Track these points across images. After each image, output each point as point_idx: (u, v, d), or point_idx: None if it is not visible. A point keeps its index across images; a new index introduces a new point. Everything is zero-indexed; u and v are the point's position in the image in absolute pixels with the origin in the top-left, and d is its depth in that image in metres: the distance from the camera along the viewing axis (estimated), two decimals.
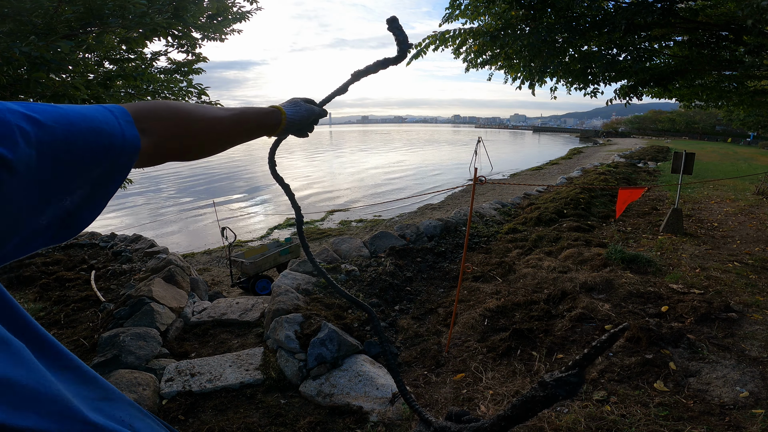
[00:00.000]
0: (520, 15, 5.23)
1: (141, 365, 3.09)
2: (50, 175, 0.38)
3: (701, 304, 3.45)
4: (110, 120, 0.44)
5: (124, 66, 3.78)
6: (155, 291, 3.96)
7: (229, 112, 0.66)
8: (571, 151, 32.73)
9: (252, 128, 0.71)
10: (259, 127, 0.72)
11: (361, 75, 0.83)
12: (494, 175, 20.16)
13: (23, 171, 0.35)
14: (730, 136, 48.72)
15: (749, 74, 6.60)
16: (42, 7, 2.56)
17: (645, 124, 67.31)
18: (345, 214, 12.80)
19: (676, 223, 6.12)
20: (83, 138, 0.41)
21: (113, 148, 0.44)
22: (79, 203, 0.43)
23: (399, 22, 0.80)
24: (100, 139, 0.42)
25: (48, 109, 0.39)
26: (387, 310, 4.04)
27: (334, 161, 34.18)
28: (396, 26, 0.80)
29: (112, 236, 7.16)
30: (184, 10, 3.42)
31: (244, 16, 4.54)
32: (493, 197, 11.74)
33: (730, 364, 2.79)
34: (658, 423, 2.27)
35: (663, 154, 21.59)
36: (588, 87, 6.20)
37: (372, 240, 5.48)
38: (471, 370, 3.00)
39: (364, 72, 0.82)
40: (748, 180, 11.18)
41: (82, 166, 0.41)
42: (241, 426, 2.51)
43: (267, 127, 0.74)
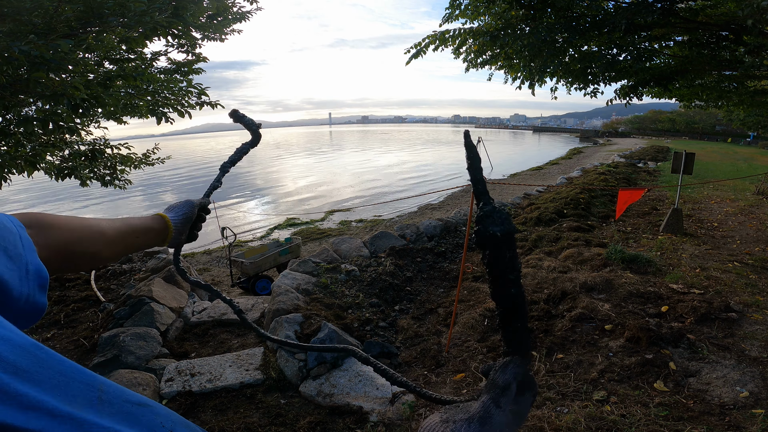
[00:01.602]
0: (520, 15, 5.23)
1: (141, 365, 3.09)
2: None
3: (701, 304, 3.45)
4: (8, 222, 0.46)
5: (124, 66, 3.78)
6: (155, 291, 3.95)
7: (112, 223, 0.67)
8: (571, 151, 32.73)
9: (139, 236, 0.72)
10: (145, 232, 0.74)
11: (228, 166, 0.93)
12: (494, 175, 20.16)
13: None
14: (730, 136, 48.72)
15: (749, 74, 6.60)
16: (42, 7, 2.56)
17: (645, 124, 67.32)
18: (345, 214, 12.80)
19: (676, 223, 6.12)
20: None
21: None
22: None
23: (239, 111, 0.93)
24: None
25: None
26: (387, 310, 4.04)
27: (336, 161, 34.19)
28: (239, 116, 0.93)
29: None
30: (184, 10, 3.41)
31: (244, 16, 4.53)
32: (493, 197, 11.72)
33: (730, 364, 2.79)
34: (658, 423, 2.27)
35: (663, 154, 21.59)
36: (588, 87, 6.19)
37: (372, 240, 5.48)
38: (471, 370, 3.00)
39: (230, 163, 0.93)
40: (748, 180, 11.18)
41: None
42: (241, 426, 2.51)
43: (154, 232, 0.76)
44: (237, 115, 0.92)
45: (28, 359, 0.33)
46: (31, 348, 0.34)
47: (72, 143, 4.84)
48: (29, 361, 0.33)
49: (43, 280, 0.48)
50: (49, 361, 0.35)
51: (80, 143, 5.05)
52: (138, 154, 5.78)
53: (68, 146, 4.70)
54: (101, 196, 17.93)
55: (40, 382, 0.33)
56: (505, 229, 0.40)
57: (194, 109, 4.15)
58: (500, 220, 0.40)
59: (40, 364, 0.34)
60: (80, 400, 0.35)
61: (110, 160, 5.25)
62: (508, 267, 0.40)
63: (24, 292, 0.45)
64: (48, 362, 0.35)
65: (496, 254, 0.40)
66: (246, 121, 0.92)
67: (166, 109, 4.10)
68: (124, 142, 5.56)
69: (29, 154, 3.66)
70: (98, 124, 5.43)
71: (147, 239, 0.75)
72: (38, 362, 0.34)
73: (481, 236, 0.40)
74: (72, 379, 0.36)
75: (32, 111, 3.70)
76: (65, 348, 3.55)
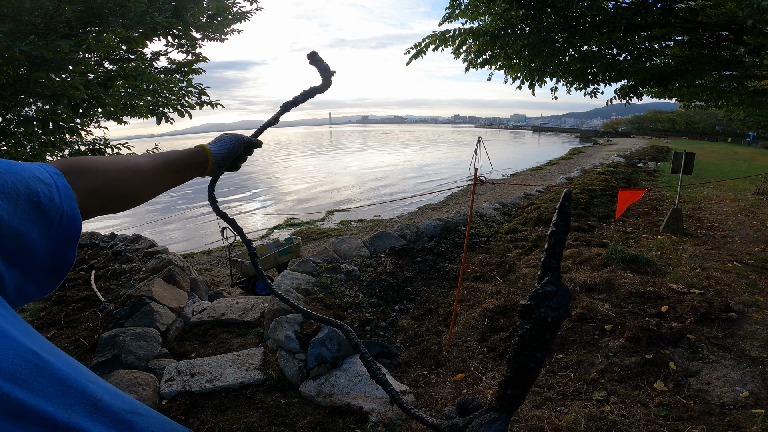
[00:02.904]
0: (520, 15, 5.23)
1: (141, 365, 3.09)
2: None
3: (701, 304, 3.45)
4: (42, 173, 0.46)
5: (124, 66, 3.78)
6: (155, 291, 3.95)
7: (151, 159, 0.66)
8: (571, 151, 32.73)
9: (179, 171, 0.71)
10: (186, 168, 0.73)
11: (290, 105, 0.89)
12: (494, 175, 20.16)
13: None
14: (730, 136, 48.72)
15: (749, 74, 6.60)
16: (42, 7, 2.56)
17: (645, 124, 67.33)
18: (345, 214, 12.80)
19: (676, 223, 6.12)
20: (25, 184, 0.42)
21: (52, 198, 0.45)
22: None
23: (319, 55, 0.88)
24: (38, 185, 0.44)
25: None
26: (387, 310, 4.04)
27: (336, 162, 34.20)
28: (317, 59, 0.88)
29: (112, 236, 7.16)
30: (184, 10, 3.41)
31: (244, 16, 4.53)
32: (493, 197, 11.74)
33: (730, 364, 2.79)
34: (658, 423, 2.27)
35: (663, 154, 21.59)
36: (588, 87, 6.19)
37: (372, 240, 5.48)
38: (471, 370, 3.00)
39: (293, 102, 0.88)
40: (748, 180, 11.18)
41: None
42: (241, 426, 2.50)
43: (194, 166, 0.75)
44: (315, 57, 0.88)
45: (27, 368, 0.34)
46: (30, 357, 0.34)
47: (72, 143, 4.84)
48: (28, 370, 0.34)
49: (74, 232, 0.47)
50: (47, 369, 0.35)
51: (80, 143, 5.05)
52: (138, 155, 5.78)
53: (68, 146, 4.70)
54: None
55: (38, 391, 0.33)
56: (559, 316, 0.37)
57: (194, 109, 4.15)
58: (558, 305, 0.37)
59: (38, 373, 0.34)
60: (76, 408, 0.36)
61: None
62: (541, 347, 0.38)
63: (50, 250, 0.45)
64: (46, 371, 0.35)
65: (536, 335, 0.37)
66: (321, 66, 0.87)
67: (166, 109, 4.10)
68: (124, 142, 5.56)
69: (29, 154, 3.66)
70: (98, 124, 5.43)
71: (187, 174, 0.74)
72: (36, 371, 0.34)
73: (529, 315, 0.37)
74: (69, 387, 0.36)
75: (32, 111, 3.70)
76: (65, 348, 3.55)
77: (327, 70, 0.87)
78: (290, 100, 0.88)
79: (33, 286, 0.44)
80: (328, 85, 0.87)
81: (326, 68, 0.87)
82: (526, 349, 0.38)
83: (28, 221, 0.41)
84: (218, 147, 0.79)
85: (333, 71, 0.88)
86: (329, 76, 0.87)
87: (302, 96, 0.87)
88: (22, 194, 0.41)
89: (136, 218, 13.61)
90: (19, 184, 0.41)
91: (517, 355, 0.39)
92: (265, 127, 0.89)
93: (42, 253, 0.43)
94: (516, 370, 0.39)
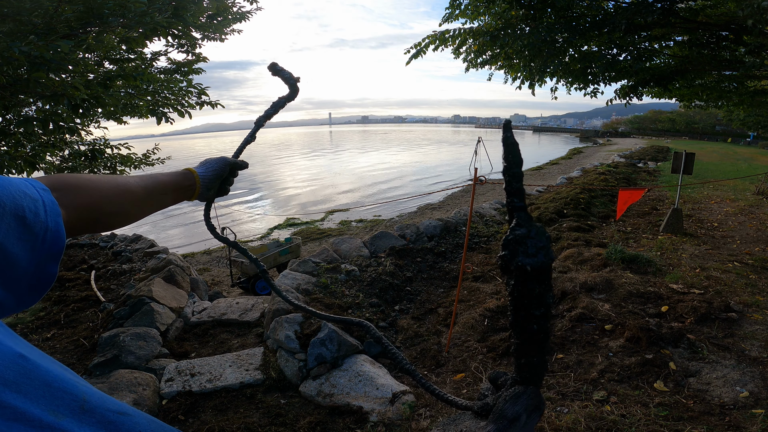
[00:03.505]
0: (520, 15, 5.23)
1: (141, 365, 3.09)
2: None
3: (701, 304, 3.45)
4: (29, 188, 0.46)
5: (124, 66, 3.78)
6: (155, 291, 3.95)
7: (140, 180, 0.66)
8: (571, 151, 32.72)
9: (167, 192, 0.72)
10: (174, 190, 0.73)
11: (263, 120, 0.91)
12: (494, 175, 20.16)
13: None
14: (730, 136, 48.72)
15: (749, 74, 6.59)
16: (42, 7, 2.56)
17: (645, 124, 67.32)
18: (345, 214, 12.80)
19: (676, 223, 6.12)
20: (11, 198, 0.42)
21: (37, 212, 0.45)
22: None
23: (279, 65, 0.90)
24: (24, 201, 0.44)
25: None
26: (387, 310, 4.04)
27: (336, 162, 34.18)
28: (278, 69, 0.89)
29: (112, 236, 7.16)
30: (184, 10, 3.41)
31: (244, 16, 4.54)
32: (493, 197, 11.73)
33: (730, 364, 2.79)
34: (658, 423, 2.27)
35: (663, 154, 21.58)
36: (588, 87, 6.19)
37: (372, 240, 5.48)
38: (471, 370, 3.00)
39: (265, 117, 0.90)
40: (748, 180, 11.18)
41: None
42: (241, 426, 2.50)
43: (183, 189, 0.75)
44: (275, 68, 0.89)
45: (15, 371, 0.34)
46: (17, 359, 0.35)
47: (72, 143, 4.84)
48: (15, 372, 0.34)
49: (57, 249, 0.47)
50: (34, 371, 0.36)
51: (80, 143, 5.05)
52: (138, 154, 5.79)
53: (68, 146, 4.70)
54: None
55: (25, 393, 0.34)
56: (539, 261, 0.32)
57: (194, 109, 4.16)
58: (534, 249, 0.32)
59: (26, 375, 0.35)
60: (63, 409, 0.36)
61: (110, 160, 5.26)
62: (534, 303, 0.34)
63: (33, 264, 0.44)
64: (34, 373, 0.35)
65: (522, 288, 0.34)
66: (284, 75, 0.89)
67: (166, 109, 4.10)
68: (124, 142, 5.56)
69: (29, 154, 3.66)
70: (98, 124, 5.43)
71: (175, 196, 0.74)
72: (24, 373, 0.35)
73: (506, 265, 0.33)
74: (56, 389, 0.37)
75: (32, 111, 3.70)
76: (65, 348, 3.55)
77: (290, 77, 0.89)
78: (262, 115, 0.91)
79: (12, 299, 0.44)
80: (295, 92, 0.89)
81: (289, 76, 0.89)
82: (522, 308, 0.35)
83: (12, 236, 0.41)
84: (204, 170, 0.80)
85: (297, 77, 0.89)
86: (294, 83, 0.89)
87: (272, 108, 0.89)
88: (7, 209, 0.40)
89: None
90: (5, 198, 0.40)
91: (515, 319, 0.36)
92: (244, 145, 0.90)
93: (24, 267, 0.43)
94: (520, 334, 0.36)
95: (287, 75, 0.89)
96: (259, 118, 0.90)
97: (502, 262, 0.33)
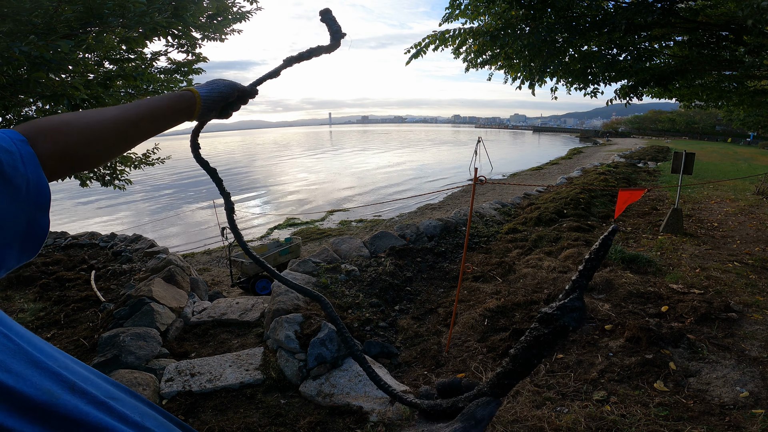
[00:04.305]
0: (520, 15, 5.23)
1: (141, 365, 3.09)
2: None
3: (701, 304, 3.45)
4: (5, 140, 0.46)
5: (123, 66, 3.78)
6: (155, 291, 3.95)
7: (131, 107, 0.62)
8: (571, 151, 32.73)
9: (163, 115, 0.67)
10: (172, 113, 0.68)
11: (294, 61, 0.83)
12: (494, 175, 20.15)
13: None
14: (730, 136, 48.73)
15: (749, 74, 6.60)
16: (42, 7, 2.56)
17: (645, 124, 67.34)
18: (345, 214, 12.80)
19: (676, 223, 6.12)
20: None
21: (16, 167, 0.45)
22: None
23: (332, 13, 0.82)
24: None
25: None
26: (387, 310, 4.04)
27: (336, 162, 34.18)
28: (329, 18, 0.81)
29: (112, 236, 7.16)
30: (184, 10, 3.41)
31: (244, 16, 4.54)
32: (493, 197, 11.73)
33: (730, 364, 2.79)
34: (658, 423, 2.27)
35: (663, 154, 21.59)
36: (588, 87, 6.19)
37: (372, 240, 5.48)
38: (471, 370, 3.00)
39: (297, 58, 0.83)
40: (748, 180, 11.18)
41: None
42: (241, 426, 2.50)
43: (181, 112, 0.70)
44: (329, 16, 0.82)
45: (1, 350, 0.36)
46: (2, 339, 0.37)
47: None
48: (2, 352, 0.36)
49: (44, 199, 0.47)
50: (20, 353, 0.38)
51: None
52: (138, 154, 5.78)
53: None
54: (101, 196, 17.92)
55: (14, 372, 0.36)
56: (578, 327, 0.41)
57: None
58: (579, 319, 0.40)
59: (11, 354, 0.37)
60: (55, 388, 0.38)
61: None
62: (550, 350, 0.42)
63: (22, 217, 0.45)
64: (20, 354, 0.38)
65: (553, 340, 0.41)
66: (334, 27, 0.81)
67: None
68: None
69: None
70: None
71: (169, 120, 0.69)
72: (10, 353, 0.37)
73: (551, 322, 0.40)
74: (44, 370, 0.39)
75: (32, 111, 3.70)
76: (65, 348, 3.55)
77: (338, 31, 0.81)
78: (295, 56, 0.83)
79: (11, 254, 0.45)
80: (336, 46, 0.82)
81: (338, 29, 0.81)
82: (537, 349, 0.41)
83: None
84: (209, 90, 0.75)
85: (344, 33, 0.82)
86: (339, 38, 0.82)
87: (308, 53, 0.82)
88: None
89: (137, 218, 13.61)
90: None
91: (524, 353, 0.42)
92: (265, 78, 0.84)
93: (13, 220, 0.44)
94: (519, 365, 0.42)
95: (336, 27, 0.82)
96: (290, 57, 0.83)
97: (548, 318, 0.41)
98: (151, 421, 0.47)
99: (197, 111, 0.72)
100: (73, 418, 0.38)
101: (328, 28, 0.82)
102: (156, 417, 0.49)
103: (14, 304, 4.54)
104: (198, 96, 0.72)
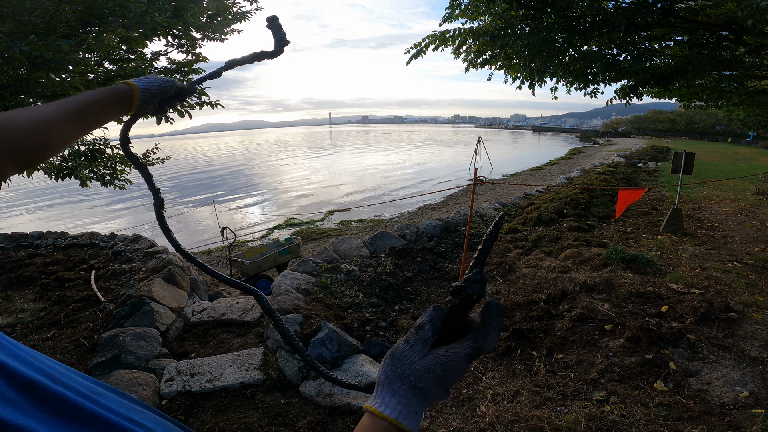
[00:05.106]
0: (520, 15, 5.23)
1: (141, 365, 3.09)
2: None
3: (701, 304, 3.45)
4: None
5: (124, 66, 3.78)
6: (155, 291, 3.95)
7: (58, 108, 0.62)
8: (571, 151, 32.73)
9: (95, 113, 0.66)
10: (106, 107, 0.68)
11: (236, 64, 0.85)
12: (494, 175, 20.15)
13: None
14: (730, 136, 48.73)
15: (749, 74, 6.60)
16: (42, 7, 2.56)
17: (645, 124, 67.37)
18: (345, 214, 12.80)
19: (676, 223, 6.12)
20: None
21: None
22: None
23: (279, 21, 0.83)
24: None
25: None
26: (387, 310, 4.04)
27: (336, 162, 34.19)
28: (276, 25, 0.83)
29: (112, 236, 7.16)
30: (184, 10, 3.41)
31: (244, 16, 4.53)
32: (493, 197, 11.74)
33: (730, 364, 2.79)
34: (658, 423, 2.27)
35: (663, 154, 21.59)
36: (588, 87, 6.19)
37: (372, 240, 5.48)
38: (471, 369, 3.00)
39: (240, 61, 0.85)
40: (748, 180, 11.18)
41: None
42: (241, 426, 2.50)
43: (116, 105, 0.70)
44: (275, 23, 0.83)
45: None
46: None
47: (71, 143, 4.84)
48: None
49: None
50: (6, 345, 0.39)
51: (80, 143, 5.04)
52: (138, 154, 5.78)
53: (68, 146, 4.70)
54: (101, 197, 17.93)
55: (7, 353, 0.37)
56: (480, 295, 0.49)
57: (194, 109, 4.15)
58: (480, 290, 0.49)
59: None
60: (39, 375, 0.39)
61: (110, 160, 5.25)
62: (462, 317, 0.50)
63: None
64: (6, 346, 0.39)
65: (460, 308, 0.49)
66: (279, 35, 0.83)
67: None
68: None
69: None
70: None
71: (105, 114, 0.69)
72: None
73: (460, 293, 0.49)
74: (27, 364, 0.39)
75: None
76: (65, 348, 3.55)
77: (283, 39, 0.83)
78: (238, 59, 0.85)
79: None
80: (279, 52, 0.84)
81: (283, 37, 0.83)
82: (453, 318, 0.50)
83: None
84: (147, 83, 0.74)
85: (288, 41, 0.84)
86: (283, 45, 0.83)
87: (251, 57, 0.84)
88: None
89: (137, 218, 13.61)
90: None
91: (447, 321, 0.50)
92: (205, 78, 0.85)
93: None
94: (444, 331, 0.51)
95: (281, 35, 0.83)
96: (232, 60, 0.85)
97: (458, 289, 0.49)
98: (138, 415, 0.47)
99: (135, 103, 0.72)
100: (65, 401, 0.38)
101: (273, 35, 0.84)
102: (143, 411, 0.50)
103: (14, 304, 4.54)
104: (136, 88, 0.72)
